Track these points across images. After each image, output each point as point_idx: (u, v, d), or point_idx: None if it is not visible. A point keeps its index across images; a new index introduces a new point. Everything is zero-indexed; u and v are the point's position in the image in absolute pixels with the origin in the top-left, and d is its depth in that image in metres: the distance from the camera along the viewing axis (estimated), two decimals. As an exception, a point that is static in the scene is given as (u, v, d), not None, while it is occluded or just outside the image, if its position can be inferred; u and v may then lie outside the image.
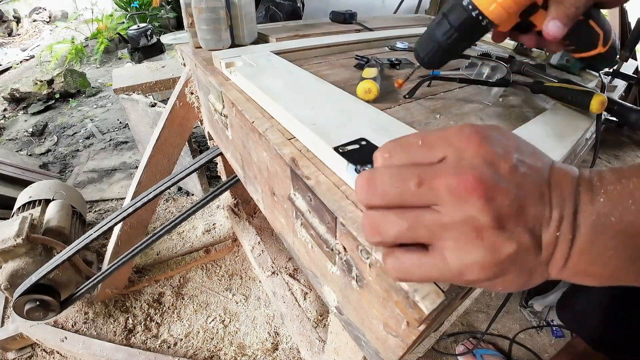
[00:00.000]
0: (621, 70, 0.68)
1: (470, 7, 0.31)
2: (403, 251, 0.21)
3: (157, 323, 1.11)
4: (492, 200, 0.19)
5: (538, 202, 0.20)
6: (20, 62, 3.74)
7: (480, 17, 0.32)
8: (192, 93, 0.82)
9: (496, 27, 0.34)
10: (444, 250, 0.20)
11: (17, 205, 1.11)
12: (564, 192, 0.20)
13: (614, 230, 0.19)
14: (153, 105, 1.33)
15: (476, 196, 0.19)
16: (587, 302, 0.72)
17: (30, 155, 2.06)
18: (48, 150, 2.11)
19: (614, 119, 0.53)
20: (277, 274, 1.11)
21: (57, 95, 2.75)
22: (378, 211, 0.21)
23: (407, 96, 0.53)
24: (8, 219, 0.98)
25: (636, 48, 0.74)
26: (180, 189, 1.70)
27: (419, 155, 0.21)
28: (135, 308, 1.14)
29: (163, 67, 1.62)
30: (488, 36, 0.39)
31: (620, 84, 0.71)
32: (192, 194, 1.67)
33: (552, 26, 0.33)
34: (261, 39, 0.81)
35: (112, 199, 1.67)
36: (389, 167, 0.21)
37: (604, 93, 0.51)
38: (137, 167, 1.68)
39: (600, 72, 0.67)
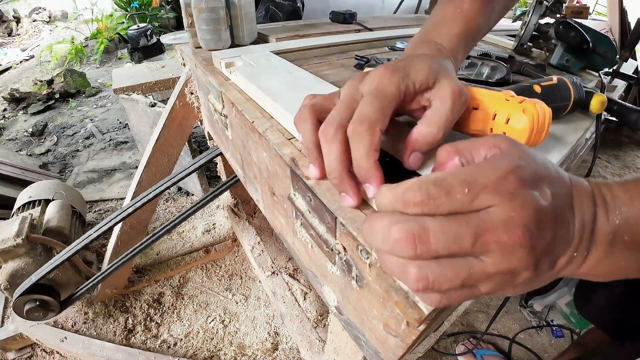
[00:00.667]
0: (621, 70, 0.68)
1: None
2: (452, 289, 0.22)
3: (157, 323, 1.11)
4: (534, 249, 0.20)
5: (565, 231, 0.21)
6: (20, 62, 3.74)
7: None
8: (192, 93, 0.82)
9: None
10: (480, 286, 0.21)
11: (17, 205, 1.11)
12: (585, 214, 0.22)
13: (626, 246, 0.22)
14: (153, 105, 1.33)
15: (522, 250, 0.19)
16: (608, 295, 0.73)
17: (30, 155, 2.06)
18: (48, 150, 2.11)
19: (614, 119, 0.53)
20: (277, 274, 1.10)
21: (57, 95, 2.75)
22: (428, 269, 0.20)
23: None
24: (8, 219, 0.98)
25: (636, 48, 0.74)
26: (180, 189, 1.70)
27: (464, 204, 0.20)
28: (135, 308, 1.14)
29: (163, 67, 1.62)
30: (488, 36, 0.39)
31: (620, 84, 0.71)
32: (192, 194, 1.67)
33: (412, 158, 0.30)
34: (261, 39, 0.81)
35: (112, 199, 1.67)
36: (439, 221, 0.20)
37: (603, 93, 0.51)
38: (137, 167, 1.68)
39: (600, 72, 0.67)
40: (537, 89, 0.44)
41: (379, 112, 0.27)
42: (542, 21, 0.79)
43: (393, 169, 0.32)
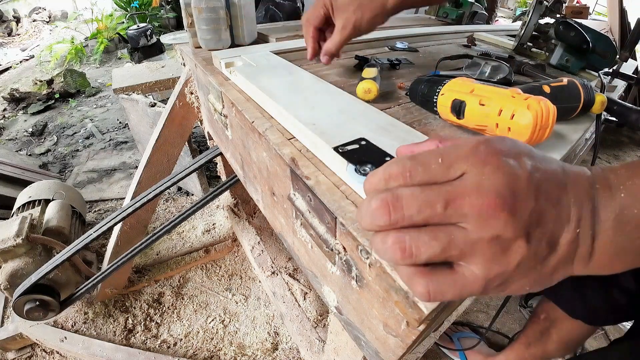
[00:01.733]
0: (621, 70, 0.68)
1: (435, 101, 0.45)
2: (439, 273, 0.21)
3: (156, 323, 1.11)
4: (514, 214, 0.19)
5: (555, 205, 0.21)
6: (20, 62, 3.74)
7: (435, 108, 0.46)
8: (191, 93, 0.82)
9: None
10: (471, 267, 0.21)
11: (16, 205, 1.11)
12: (581, 191, 0.21)
13: (638, 221, 0.21)
14: (153, 105, 1.33)
15: (499, 213, 0.19)
16: None
17: (30, 155, 2.06)
18: (48, 150, 2.11)
19: (614, 119, 0.53)
20: (277, 274, 1.10)
21: (57, 95, 2.75)
22: (406, 233, 0.21)
23: (407, 94, 0.53)
24: (8, 219, 0.98)
25: (636, 48, 0.74)
26: (180, 189, 1.70)
27: (439, 174, 0.21)
28: (135, 308, 1.14)
29: (163, 67, 1.62)
30: (488, 36, 0.39)
31: (620, 84, 0.71)
32: (192, 194, 1.67)
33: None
34: (261, 39, 0.81)
35: (111, 199, 1.67)
36: (412, 189, 0.21)
37: (603, 93, 0.51)
38: (136, 167, 1.68)
39: (600, 72, 0.67)
40: (547, 89, 0.45)
41: None
42: (542, 21, 0.79)
43: None
